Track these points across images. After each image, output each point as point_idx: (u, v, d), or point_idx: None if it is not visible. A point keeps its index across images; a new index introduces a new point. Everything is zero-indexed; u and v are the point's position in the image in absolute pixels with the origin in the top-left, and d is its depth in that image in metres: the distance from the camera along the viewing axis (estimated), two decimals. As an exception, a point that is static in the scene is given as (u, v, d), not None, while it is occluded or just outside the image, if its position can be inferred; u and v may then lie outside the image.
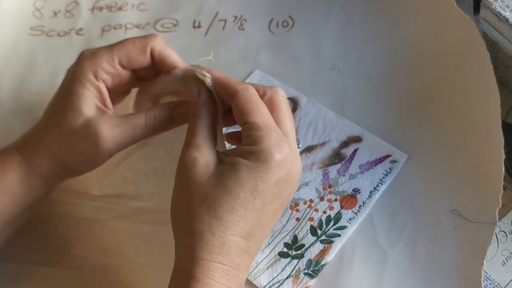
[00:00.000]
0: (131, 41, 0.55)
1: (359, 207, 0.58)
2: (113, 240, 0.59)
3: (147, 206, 0.60)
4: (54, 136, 0.53)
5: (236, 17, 0.69)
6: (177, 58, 0.55)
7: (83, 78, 0.53)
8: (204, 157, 0.48)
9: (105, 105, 0.54)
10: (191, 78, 0.53)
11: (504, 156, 0.55)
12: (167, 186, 0.50)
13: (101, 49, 0.55)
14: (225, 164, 0.48)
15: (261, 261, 0.57)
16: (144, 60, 0.55)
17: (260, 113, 0.49)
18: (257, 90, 0.51)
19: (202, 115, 0.50)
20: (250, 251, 0.49)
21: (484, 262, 0.53)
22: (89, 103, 0.53)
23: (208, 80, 0.51)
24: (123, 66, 0.55)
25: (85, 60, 0.54)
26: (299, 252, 0.57)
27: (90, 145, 0.52)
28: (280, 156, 0.48)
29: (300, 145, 0.57)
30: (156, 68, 0.56)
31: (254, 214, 0.48)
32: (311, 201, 0.59)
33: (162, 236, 0.57)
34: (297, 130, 0.62)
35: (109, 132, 0.52)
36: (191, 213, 0.47)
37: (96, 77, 0.53)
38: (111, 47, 0.54)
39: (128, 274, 0.57)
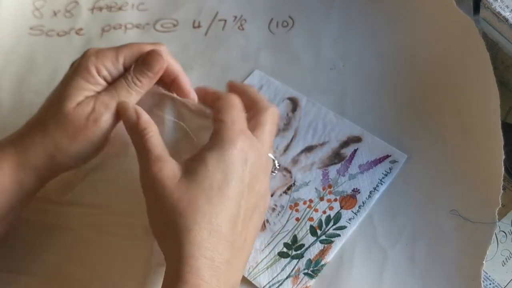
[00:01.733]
0: (137, 45, 0.55)
1: (359, 207, 0.58)
2: (86, 251, 0.58)
3: (121, 220, 0.59)
4: (51, 126, 0.53)
5: (236, 17, 0.69)
6: (179, 69, 0.56)
7: (85, 72, 0.53)
8: (168, 164, 0.49)
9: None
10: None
11: (503, 156, 0.55)
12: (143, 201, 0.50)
13: (107, 48, 0.55)
14: (194, 161, 0.49)
15: (261, 261, 0.57)
16: None
17: (231, 114, 0.51)
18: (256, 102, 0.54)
19: (148, 134, 0.51)
20: (236, 245, 0.49)
21: (484, 262, 0.53)
22: (88, 95, 0.53)
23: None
24: (125, 68, 0.55)
25: (90, 56, 0.54)
26: (298, 252, 0.57)
27: (87, 124, 0.52)
28: (241, 145, 0.49)
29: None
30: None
31: (232, 205, 0.48)
32: (310, 201, 0.59)
33: (136, 252, 0.56)
34: (297, 130, 0.62)
35: (102, 103, 0.53)
36: (172, 215, 0.47)
37: (98, 73, 0.54)
38: (117, 48, 0.55)
39: None
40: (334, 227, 0.57)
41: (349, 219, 0.58)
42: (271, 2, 0.69)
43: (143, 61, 0.54)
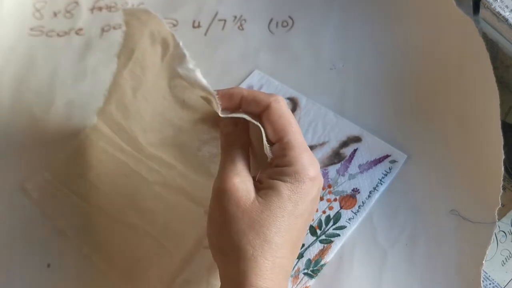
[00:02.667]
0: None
1: (359, 207, 0.58)
2: (150, 205, 0.59)
3: (190, 192, 0.59)
4: None
5: (235, 17, 0.69)
6: None
7: None
8: (245, 183, 0.48)
9: None
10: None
11: (503, 156, 0.55)
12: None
13: None
14: (265, 188, 0.48)
15: (261, 261, 0.57)
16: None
17: (293, 131, 0.50)
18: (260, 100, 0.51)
19: (238, 144, 0.51)
20: (290, 270, 0.50)
21: (483, 262, 0.53)
22: None
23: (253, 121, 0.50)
24: None
25: None
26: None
27: None
28: (313, 175, 0.49)
29: None
30: None
31: (297, 234, 0.49)
32: (310, 201, 0.59)
33: (193, 223, 0.57)
34: (296, 130, 0.62)
35: None
36: (240, 239, 0.47)
37: None
38: None
39: (147, 244, 0.58)
40: (334, 227, 0.57)
41: (349, 219, 0.58)
42: (271, 2, 0.69)
43: None
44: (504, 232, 0.57)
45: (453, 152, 0.59)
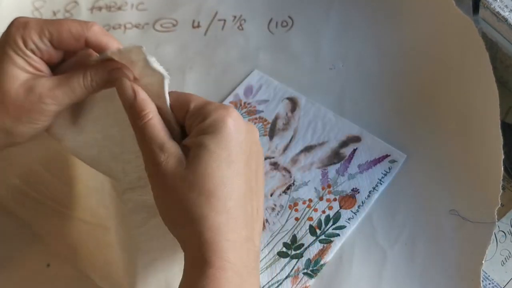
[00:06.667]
0: (66, 26, 0.51)
1: (358, 207, 0.58)
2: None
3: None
4: None
5: (235, 17, 0.69)
6: (116, 48, 0.52)
7: (13, 44, 0.50)
8: (172, 153, 0.48)
9: (40, 70, 0.51)
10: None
11: (503, 156, 0.55)
12: None
13: (33, 20, 0.51)
14: (192, 147, 0.48)
15: (260, 261, 0.57)
16: (77, 46, 0.52)
17: (193, 97, 0.50)
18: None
19: (147, 116, 0.49)
20: (254, 218, 0.49)
21: (483, 262, 0.53)
22: (23, 68, 0.50)
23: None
24: (53, 46, 0.51)
25: (16, 28, 0.51)
26: (298, 252, 0.57)
27: (32, 108, 0.50)
28: (230, 119, 0.48)
29: None
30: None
31: (242, 179, 0.48)
32: (310, 200, 0.59)
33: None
34: (296, 130, 0.62)
35: (50, 94, 0.50)
36: (186, 205, 0.47)
37: (25, 45, 0.50)
38: (45, 23, 0.51)
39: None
40: (334, 226, 0.57)
41: (349, 219, 0.58)
42: (270, 2, 0.69)
43: (110, 74, 0.51)
44: (504, 232, 0.57)
45: (452, 152, 0.59)
